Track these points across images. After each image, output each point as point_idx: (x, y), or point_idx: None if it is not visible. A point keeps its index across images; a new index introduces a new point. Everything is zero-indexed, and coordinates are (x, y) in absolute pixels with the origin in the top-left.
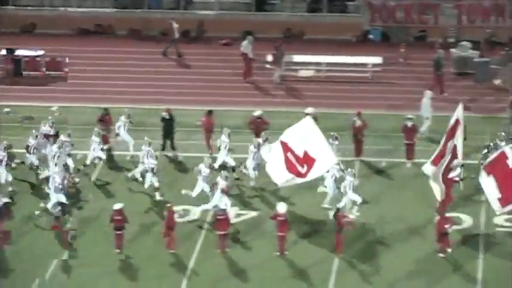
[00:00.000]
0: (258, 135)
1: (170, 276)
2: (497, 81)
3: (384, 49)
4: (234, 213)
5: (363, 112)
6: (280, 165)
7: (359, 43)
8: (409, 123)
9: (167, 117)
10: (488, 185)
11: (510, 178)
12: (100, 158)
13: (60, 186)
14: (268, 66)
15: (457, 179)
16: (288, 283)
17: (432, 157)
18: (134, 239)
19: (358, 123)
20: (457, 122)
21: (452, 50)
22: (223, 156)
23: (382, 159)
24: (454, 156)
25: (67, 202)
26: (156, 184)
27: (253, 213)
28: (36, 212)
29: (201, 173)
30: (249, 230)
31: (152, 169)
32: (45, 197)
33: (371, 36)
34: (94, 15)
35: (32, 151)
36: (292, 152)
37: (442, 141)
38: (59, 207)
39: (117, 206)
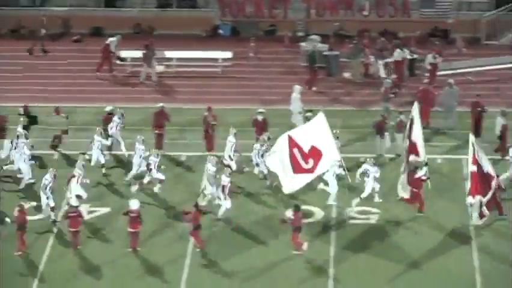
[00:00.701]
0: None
1: (21, 277)
2: (346, 74)
3: (234, 44)
4: (86, 210)
5: (214, 107)
6: (286, 166)
7: (208, 38)
8: (259, 117)
9: (22, 113)
10: (475, 204)
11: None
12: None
13: (50, 185)
14: (119, 62)
15: (425, 177)
16: (141, 280)
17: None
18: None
19: (209, 118)
20: (412, 121)
21: (302, 44)
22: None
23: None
24: (415, 153)
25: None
26: (162, 177)
27: (105, 209)
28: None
29: (207, 172)
30: (102, 226)
31: (155, 165)
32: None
33: (220, 31)
34: None
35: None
36: (299, 148)
37: (405, 146)
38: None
39: None
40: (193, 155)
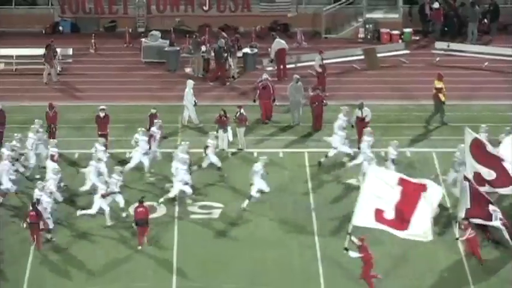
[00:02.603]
0: None
1: None
2: (188, 69)
3: (74, 40)
4: None
5: (56, 104)
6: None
7: (48, 35)
8: (102, 114)
9: None
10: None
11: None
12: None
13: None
14: None
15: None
16: None
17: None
18: None
19: (51, 114)
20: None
21: (143, 40)
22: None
23: (75, 150)
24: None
25: None
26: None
27: None
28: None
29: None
30: None
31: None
32: None
33: (60, 28)
34: None
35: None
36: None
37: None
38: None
39: None
40: None
